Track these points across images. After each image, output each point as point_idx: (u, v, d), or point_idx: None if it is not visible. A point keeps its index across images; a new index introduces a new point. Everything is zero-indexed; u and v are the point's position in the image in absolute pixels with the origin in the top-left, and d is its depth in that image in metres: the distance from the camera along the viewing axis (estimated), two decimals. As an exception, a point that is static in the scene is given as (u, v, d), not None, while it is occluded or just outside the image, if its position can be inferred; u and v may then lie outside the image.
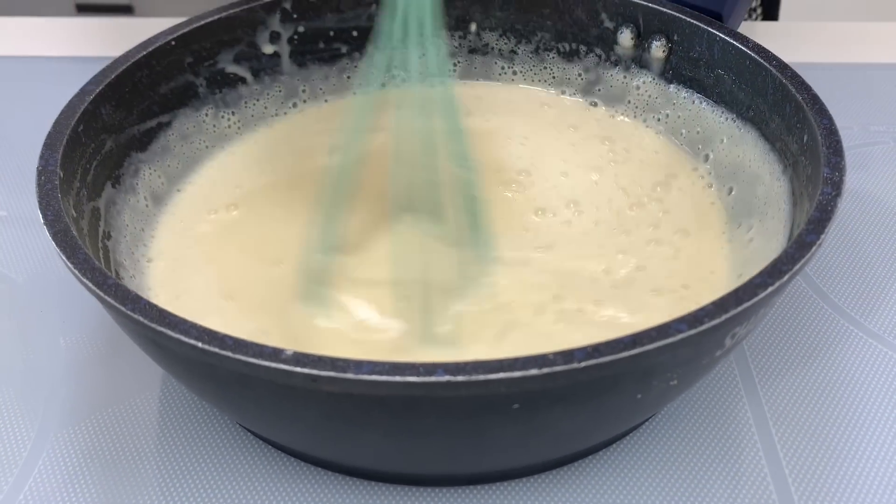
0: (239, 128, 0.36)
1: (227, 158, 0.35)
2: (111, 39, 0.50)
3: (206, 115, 0.35)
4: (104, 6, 1.55)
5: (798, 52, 0.45)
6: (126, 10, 1.57)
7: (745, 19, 0.58)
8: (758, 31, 0.52)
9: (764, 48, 0.32)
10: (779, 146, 0.30)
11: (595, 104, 0.37)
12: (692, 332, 0.19)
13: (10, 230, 0.36)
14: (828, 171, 0.25)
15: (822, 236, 0.23)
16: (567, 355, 0.19)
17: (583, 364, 0.19)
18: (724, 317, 0.20)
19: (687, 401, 0.28)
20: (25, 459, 0.27)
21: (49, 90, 0.45)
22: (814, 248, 0.22)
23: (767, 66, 0.31)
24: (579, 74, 0.37)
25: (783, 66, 0.30)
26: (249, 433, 0.27)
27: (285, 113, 0.37)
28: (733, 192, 0.32)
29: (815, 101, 0.28)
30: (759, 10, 0.61)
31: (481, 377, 0.19)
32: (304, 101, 0.37)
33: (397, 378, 0.19)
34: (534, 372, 0.19)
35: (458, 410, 0.20)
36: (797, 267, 0.22)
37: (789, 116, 0.29)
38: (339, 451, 0.24)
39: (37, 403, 0.29)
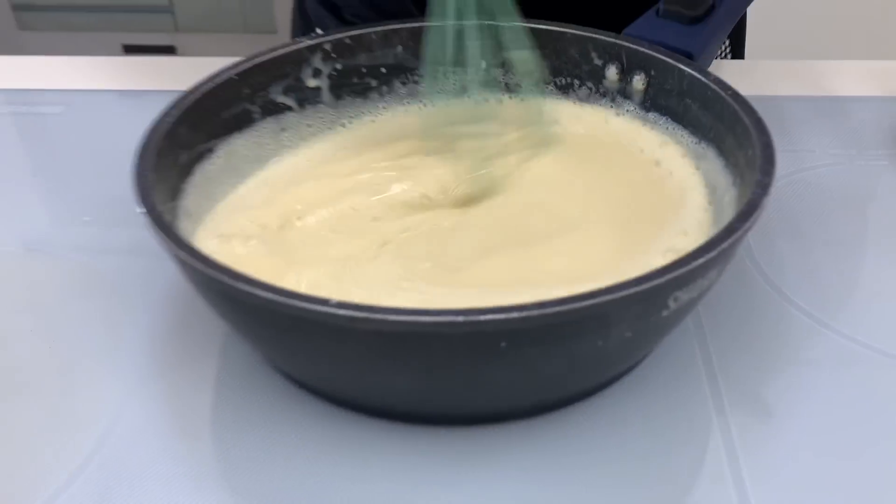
0: (287, 146, 0.43)
1: (274, 170, 0.42)
2: (156, 75, 0.57)
3: (260, 135, 0.42)
4: (149, 47, 1.66)
5: (764, 86, 0.52)
6: (169, 51, 1.67)
7: (716, 58, 0.65)
8: (729, 68, 0.58)
9: (722, 81, 0.38)
10: (731, 160, 0.36)
11: (586, 129, 0.44)
12: (634, 290, 0.26)
13: (93, 231, 0.43)
14: (760, 176, 0.31)
15: (747, 224, 0.29)
16: (540, 304, 0.25)
17: (551, 310, 0.25)
18: (661, 280, 0.26)
19: (654, 368, 0.34)
20: (114, 411, 0.33)
21: (105, 119, 0.53)
22: (738, 234, 0.28)
23: (724, 95, 0.37)
24: (574, 103, 0.44)
25: (736, 96, 0.37)
26: (290, 380, 0.33)
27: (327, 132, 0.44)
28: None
29: (759, 123, 0.35)
30: (727, 49, 0.67)
31: (476, 318, 0.25)
32: (343, 126, 0.44)
33: (414, 318, 0.25)
34: (514, 315, 0.25)
35: (460, 346, 0.26)
36: (722, 247, 0.28)
37: (740, 136, 0.36)
38: (367, 389, 0.31)
39: (124, 364, 0.35)
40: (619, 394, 0.33)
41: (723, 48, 0.67)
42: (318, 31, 0.63)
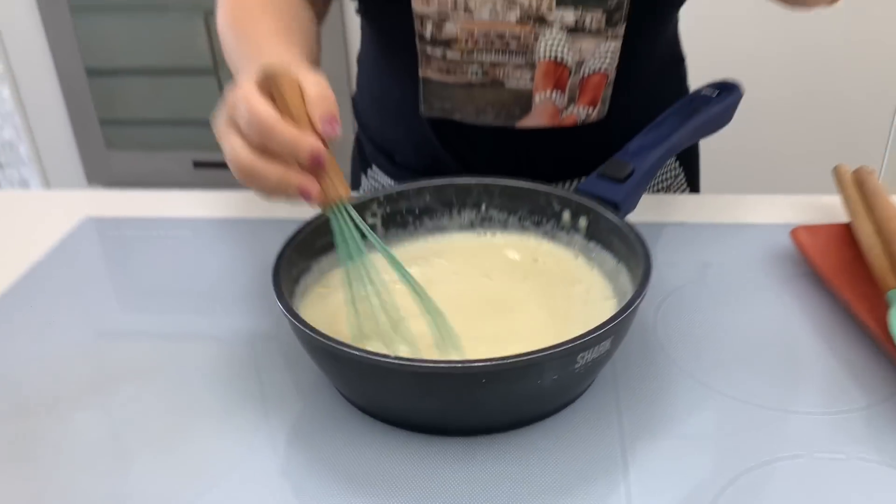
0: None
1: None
2: (225, 204, 0.81)
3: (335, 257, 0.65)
4: (215, 163, 1.92)
5: (714, 216, 0.74)
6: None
7: (675, 192, 0.88)
8: (686, 202, 0.81)
9: (629, 224, 0.60)
10: (634, 272, 0.58)
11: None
12: (555, 350, 0.47)
13: (212, 328, 0.66)
14: (638, 288, 0.53)
15: (624, 315, 0.50)
16: (504, 357, 0.47)
17: (510, 361, 0.47)
18: (570, 345, 0.48)
19: (584, 406, 0.55)
20: (257, 429, 0.55)
21: (183, 239, 0.75)
22: (616, 322, 0.50)
23: (627, 231, 0.59)
24: (540, 235, 0.67)
25: (637, 233, 0.59)
26: (355, 406, 0.55)
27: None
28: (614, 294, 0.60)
29: (646, 253, 0.56)
30: (685, 187, 0.90)
31: (469, 365, 0.47)
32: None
33: (432, 366, 0.47)
34: (487, 365, 0.47)
35: (457, 382, 0.48)
36: (603, 330, 0.49)
37: (637, 259, 0.57)
38: (405, 410, 0.52)
39: (262, 401, 0.57)
40: (558, 421, 0.54)
41: (683, 186, 0.90)
42: (376, 167, 0.87)
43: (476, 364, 0.47)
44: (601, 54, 0.72)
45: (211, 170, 1.91)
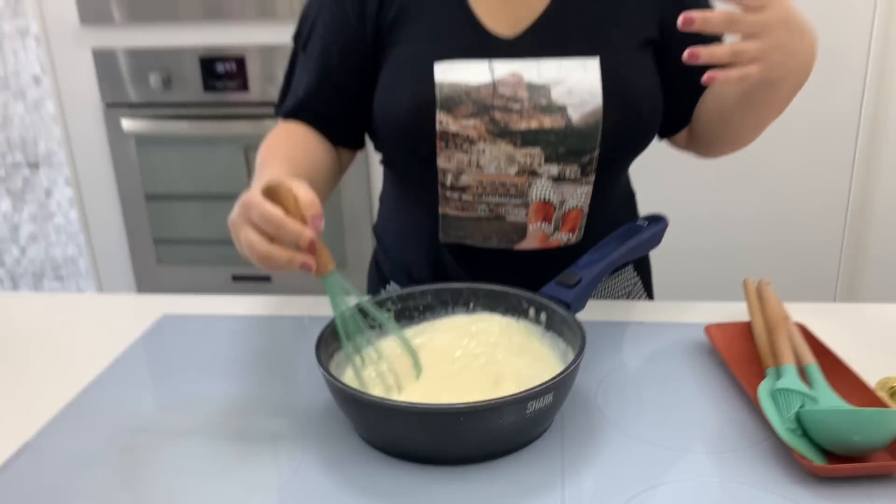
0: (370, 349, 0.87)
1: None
2: (258, 306, 1.04)
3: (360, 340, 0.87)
4: (252, 277, 2.17)
5: (651, 317, 0.96)
6: (266, 279, 2.18)
7: (634, 297, 1.10)
8: (631, 306, 1.03)
9: (576, 319, 0.82)
10: (575, 348, 0.80)
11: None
12: (507, 399, 0.69)
13: (255, 402, 0.88)
14: (575, 354, 0.75)
15: (555, 380, 0.72)
16: (475, 402, 0.68)
17: (479, 405, 0.68)
18: (519, 396, 0.69)
19: (538, 445, 0.76)
20: (291, 460, 0.76)
21: (221, 335, 0.98)
22: (550, 382, 0.71)
23: (573, 323, 0.81)
24: (511, 322, 0.89)
25: (578, 324, 0.81)
26: (366, 442, 0.75)
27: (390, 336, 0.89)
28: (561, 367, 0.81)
29: (583, 333, 0.78)
30: (642, 293, 1.13)
31: (450, 406, 0.68)
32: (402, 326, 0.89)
33: (419, 408, 0.69)
34: (459, 406, 0.68)
35: (438, 419, 0.69)
36: (550, 384, 0.71)
37: (578, 339, 0.79)
38: (401, 442, 0.73)
39: (300, 440, 0.78)
40: (519, 455, 0.74)
41: (640, 292, 1.12)
42: (394, 283, 1.10)
43: (456, 406, 0.69)
44: (577, 196, 0.96)
45: (248, 282, 2.16)
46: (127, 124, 2.03)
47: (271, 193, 0.74)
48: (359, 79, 0.97)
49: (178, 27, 1.96)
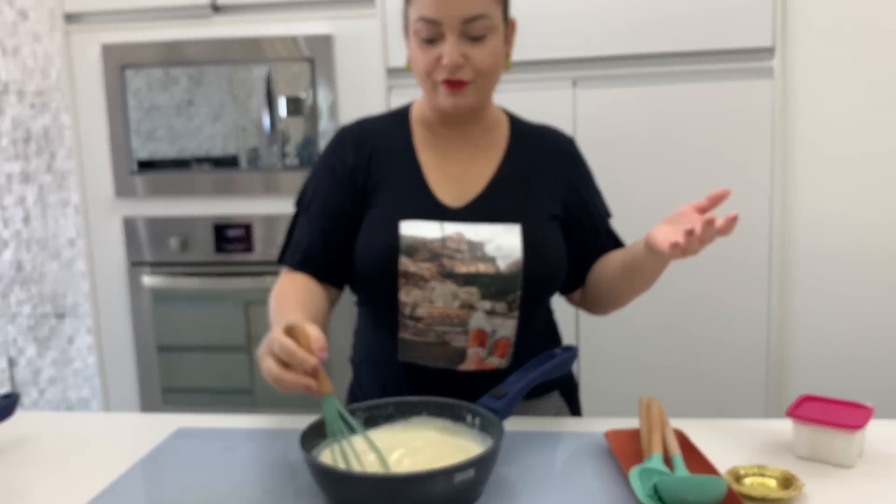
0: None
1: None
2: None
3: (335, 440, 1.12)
4: (248, 418, 2.38)
5: (566, 427, 1.22)
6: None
7: (566, 412, 1.36)
8: (551, 420, 1.29)
9: (499, 421, 1.09)
10: (497, 442, 1.05)
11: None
12: (437, 471, 0.94)
13: (258, 480, 1.12)
14: (493, 442, 1.01)
15: (474, 460, 0.97)
16: (428, 471, 0.93)
17: (431, 472, 0.93)
18: (446, 469, 0.95)
19: (467, 515, 1.00)
20: (284, 522, 0.99)
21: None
22: (471, 460, 0.97)
23: (498, 426, 1.07)
24: (449, 425, 1.14)
25: (500, 426, 1.07)
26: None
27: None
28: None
29: (502, 432, 1.04)
30: (567, 413, 1.39)
31: (396, 475, 0.93)
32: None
33: (384, 478, 0.94)
34: (407, 475, 0.93)
35: (399, 485, 0.94)
36: (469, 461, 0.96)
37: (499, 436, 1.05)
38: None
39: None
40: (452, 520, 0.98)
41: (566, 413, 1.39)
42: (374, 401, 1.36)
43: (402, 475, 0.94)
44: (506, 327, 1.25)
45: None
46: (147, 280, 2.33)
47: (290, 332, 1.04)
48: (347, 234, 1.30)
49: (196, 200, 2.31)
